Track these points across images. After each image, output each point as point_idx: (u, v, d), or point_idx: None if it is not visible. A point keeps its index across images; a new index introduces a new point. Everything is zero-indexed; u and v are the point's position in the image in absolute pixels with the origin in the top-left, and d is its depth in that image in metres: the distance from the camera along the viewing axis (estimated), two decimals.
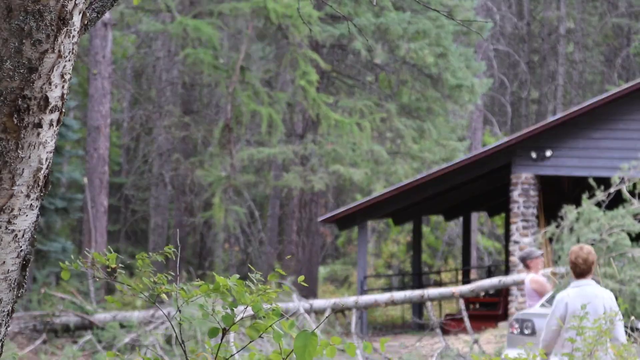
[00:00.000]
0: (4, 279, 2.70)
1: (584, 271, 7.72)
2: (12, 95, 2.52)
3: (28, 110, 2.55)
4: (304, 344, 3.12)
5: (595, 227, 11.18)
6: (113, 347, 15.67)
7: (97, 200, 23.79)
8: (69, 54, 2.59)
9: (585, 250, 7.72)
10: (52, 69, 2.55)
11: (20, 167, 2.58)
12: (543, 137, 20.02)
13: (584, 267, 7.70)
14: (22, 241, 2.68)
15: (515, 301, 20.07)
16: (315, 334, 3.09)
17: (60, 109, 2.62)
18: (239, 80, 22.67)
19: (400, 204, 22.47)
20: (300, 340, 3.12)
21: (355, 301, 18.34)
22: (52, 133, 2.62)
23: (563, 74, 39.48)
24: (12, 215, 2.63)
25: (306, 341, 3.11)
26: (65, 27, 2.54)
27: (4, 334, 2.81)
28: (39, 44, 2.52)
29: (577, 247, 7.86)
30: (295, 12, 22.08)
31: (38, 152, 2.60)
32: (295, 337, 3.11)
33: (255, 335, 3.41)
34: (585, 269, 7.71)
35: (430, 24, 24.62)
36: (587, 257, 7.69)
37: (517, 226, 20.29)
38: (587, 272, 7.73)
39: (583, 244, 8.12)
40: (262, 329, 3.40)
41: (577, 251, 7.72)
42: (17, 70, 2.51)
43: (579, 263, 7.69)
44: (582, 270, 7.71)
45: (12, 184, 2.59)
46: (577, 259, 7.69)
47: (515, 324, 12.91)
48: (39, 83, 2.54)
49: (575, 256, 7.70)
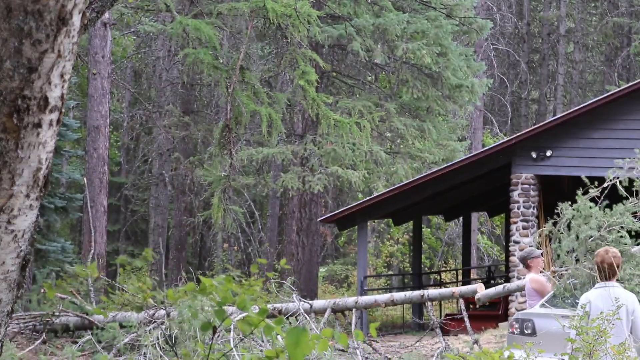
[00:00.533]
0: (3, 279, 2.69)
1: (609, 274, 7.77)
2: (12, 95, 2.52)
3: (28, 110, 2.54)
4: (295, 341, 3.09)
5: (595, 224, 11.17)
6: (113, 348, 15.67)
7: (96, 200, 23.79)
8: (69, 54, 2.58)
9: (610, 253, 7.76)
10: (52, 68, 2.55)
11: (20, 167, 2.58)
12: (543, 137, 20.02)
13: (609, 270, 7.76)
14: (21, 241, 2.68)
15: (516, 301, 20.07)
16: (305, 329, 3.06)
17: (60, 108, 2.61)
18: (238, 80, 22.67)
19: (400, 204, 22.47)
20: (292, 337, 3.10)
21: (355, 301, 18.33)
22: (51, 133, 2.61)
23: (563, 74, 39.48)
24: (12, 215, 2.62)
25: (298, 338, 3.08)
26: (65, 27, 2.54)
27: (4, 334, 2.81)
28: (38, 44, 2.51)
29: (603, 249, 7.92)
30: (295, 11, 22.07)
31: (38, 152, 2.60)
32: (287, 333, 3.09)
33: (247, 329, 3.39)
34: (610, 272, 7.76)
35: (429, 24, 24.61)
36: (613, 260, 7.74)
37: (517, 226, 20.29)
38: (612, 274, 7.78)
39: (609, 247, 8.16)
40: (254, 323, 3.38)
41: (602, 254, 7.78)
42: (17, 70, 2.51)
43: (604, 266, 7.74)
44: (607, 272, 7.76)
45: (11, 184, 2.59)
46: (603, 263, 7.74)
47: (515, 324, 12.91)
48: (39, 83, 2.54)
49: (601, 259, 7.75)
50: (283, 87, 27.72)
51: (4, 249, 2.65)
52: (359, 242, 22.53)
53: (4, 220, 2.62)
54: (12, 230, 2.64)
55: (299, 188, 25.41)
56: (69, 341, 17.47)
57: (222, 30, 24.62)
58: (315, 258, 29.04)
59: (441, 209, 27.69)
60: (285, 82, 27.99)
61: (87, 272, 3.64)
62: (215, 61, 22.96)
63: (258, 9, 22.14)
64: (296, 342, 3.07)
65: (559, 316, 10.34)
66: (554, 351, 10.45)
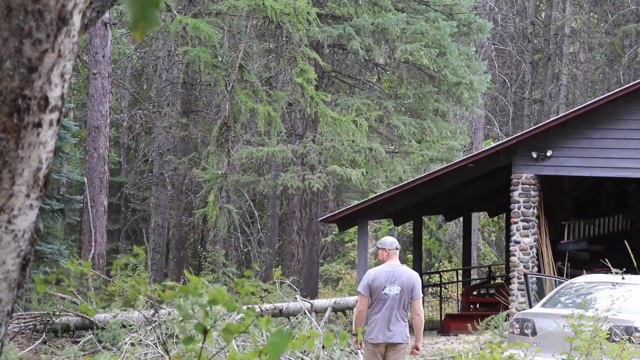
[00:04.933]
0: (3, 279, 2.69)
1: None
2: (12, 95, 2.52)
3: (28, 110, 2.54)
4: (277, 341, 3.09)
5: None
6: (114, 347, 15.66)
7: (96, 199, 23.79)
8: (69, 54, 2.58)
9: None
10: (52, 68, 2.55)
11: (20, 166, 2.58)
12: (544, 137, 20.01)
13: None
14: (22, 241, 2.68)
15: (516, 301, 20.07)
16: (290, 333, 3.06)
17: (60, 108, 2.61)
18: (237, 79, 22.65)
19: (401, 204, 22.46)
20: (275, 338, 3.11)
21: (356, 301, 18.33)
22: (52, 133, 2.61)
23: (566, 74, 39.48)
24: (12, 215, 2.62)
25: (280, 339, 3.09)
26: (65, 26, 2.54)
27: (4, 334, 2.81)
28: (39, 44, 2.51)
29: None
30: (294, 10, 22.06)
31: (38, 152, 2.60)
32: (271, 335, 3.10)
33: (229, 337, 3.40)
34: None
35: (428, 25, 24.61)
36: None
37: (518, 226, 20.28)
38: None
39: None
40: (235, 331, 3.38)
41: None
42: (17, 69, 2.51)
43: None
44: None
45: (12, 184, 2.59)
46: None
47: (516, 324, 12.91)
48: (39, 83, 2.54)
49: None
50: (284, 87, 27.72)
51: (4, 248, 2.65)
52: (359, 242, 22.52)
53: (4, 220, 2.62)
54: (12, 230, 2.64)
55: (299, 187, 25.40)
56: (70, 341, 17.47)
57: (222, 29, 24.61)
58: (316, 258, 29.04)
59: (442, 209, 27.68)
60: (286, 82, 27.98)
61: (81, 269, 3.62)
62: (214, 60, 22.95)
63: (257, 7, 22.12)
64: (277, 343, 3.07)
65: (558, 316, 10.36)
66: (555, 351, 10.45)
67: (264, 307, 17.93)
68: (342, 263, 38.64)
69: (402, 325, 10.28)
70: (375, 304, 10.26)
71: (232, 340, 3.41)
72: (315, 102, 22.94)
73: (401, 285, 10.22)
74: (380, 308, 10.23)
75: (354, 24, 24.74)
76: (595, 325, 8.60)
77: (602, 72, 43.62)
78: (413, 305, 10.28)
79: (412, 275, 10.37)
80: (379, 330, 10.23)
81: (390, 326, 10.21)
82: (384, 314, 10.21)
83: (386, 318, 10.21)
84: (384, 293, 10.22)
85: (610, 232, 24.68)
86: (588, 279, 14.05)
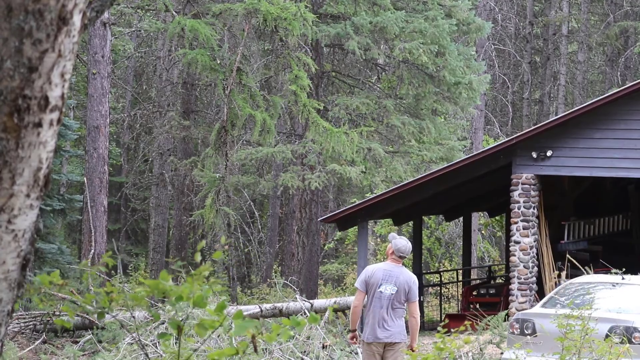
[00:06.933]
0: (4, 279, 2.69)
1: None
2: (12, 95, 2.52)
3: (28, 109, 2.54)
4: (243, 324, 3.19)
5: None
6: (113, 347, 15.66)
7: (96, 199, 23.78)
8: (69, 54, 2.58)
9: None
10: (52, 68, 2.55)
11: (21, 166, 2.58)
12: (544, 137, 20.01)
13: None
14: (22, 241, 2.68)
15: (516, 301, 20.07)
16: (257, 319, 3.17)
17: (60, 108, 2.61)
18: (235, 82, 22.65)
19: (401, 204, 22.44)
20: (239, 329, 3.19)
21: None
22: (52, 133, 2.61)
23: (565, 74, 39.47)
24: (12, 215, 2.62)
25: (246, 326, 3.18)
26: (65, 26, 2.54)
27: (4, 334, 2.81)
28: (39, 44, 2.51)
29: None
30: (290, 14, 22.01)
31: (38, 152, 2.60)
32: (234, 316, 3.19)
33: (203, 333, 3.45)
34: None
35: (427, 24, 24.60)
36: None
37: (518, 226, 20.28)
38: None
39: None
40: (209, 326, 3.44)
41: None
42: (18, 69, 2.51)
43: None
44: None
45: (12, 184, 2.58)
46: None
47: (516, 324, 12.91)
48: (39, 82, 2.54)
49: None
50: (283, 87, 27.72)
51: (4, 248, 2.65)
52: (359, 242, 22.51)
53: (5, 219, 2.62)
54: (12, 229, 2.64)
55: (299, 186, 25.40)
56: (70, 341, 17.47)
57: (221, 30, 24.60)
58: (316, 258, 29.03)
59: (442, 209, 27.67)
60: (285, 82, 27.99)
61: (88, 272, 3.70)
62: (212, 62, 22.93)
63: (254, 10, 22.11)
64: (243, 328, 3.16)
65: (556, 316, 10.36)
66: (552, 351, 10.46)
67: (263, 307, 17.94)
68: (344, 264, 38.58)
69: (399, 325, 10.28)
70: (371, 301, 10.28)
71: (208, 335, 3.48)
72: (307, 109, 22.93)
73: (397, 285, 10.22)
74: (375, 306, 10.24)
75: (352, 22, 24.73)
76: (584, 324, 8.61)
77: (602, 72, 43.62)
78: (409, 308, 10.28)
79: (409, 277, 10.37)
80: (373, 329, 10.24)
81: (386, 326, 10.22)
82: (378, 312, 10.22)
83: (381, 317, 10.22)
84: (380, 291, 10.23)
85: (610, 232, 24.69)
86: (588, 279, 14.05)
